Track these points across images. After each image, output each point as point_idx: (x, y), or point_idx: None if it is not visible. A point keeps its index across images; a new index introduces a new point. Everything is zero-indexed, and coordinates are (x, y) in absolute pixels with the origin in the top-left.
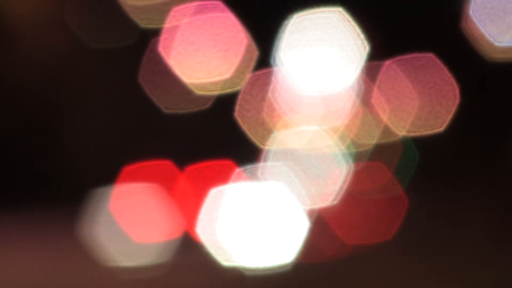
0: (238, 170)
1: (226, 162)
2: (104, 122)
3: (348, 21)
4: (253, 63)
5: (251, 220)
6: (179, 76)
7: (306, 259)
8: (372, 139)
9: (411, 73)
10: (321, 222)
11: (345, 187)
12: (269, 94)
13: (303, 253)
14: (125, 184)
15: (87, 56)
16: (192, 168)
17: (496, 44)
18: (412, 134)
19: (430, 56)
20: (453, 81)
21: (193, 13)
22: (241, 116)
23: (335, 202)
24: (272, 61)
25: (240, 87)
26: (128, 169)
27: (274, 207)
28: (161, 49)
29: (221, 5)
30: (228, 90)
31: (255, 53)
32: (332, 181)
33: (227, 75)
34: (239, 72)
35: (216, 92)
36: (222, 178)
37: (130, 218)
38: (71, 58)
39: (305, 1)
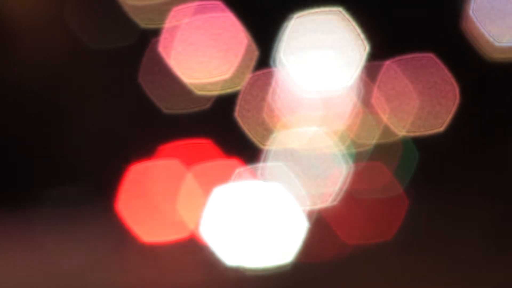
0: (239, 170)
1: (230, 162)
2: (104, 122)
3: (348, 21)
4: (253, 63)
5: (251, 220)
6: (179, 76)
7: (306, 259)
8: (372, 139)
9: (411, 73)
10: (321, 222)
11: (345, 187)
12: (269, 94)
13: (303, 253)
14: (132, 182)
15: (87, 56)
16: (196, 167)
17: (496, 44)
18: (412, 134)
19: (430, 56)
20: (453, 81)
21: (193, 13)
22: (241, 116)
23: (335, 202)
24: (272, 62)
25: (240, 87)
26: (135, 167)
27: (274, 207)
28: (161, 49)
29: (221, 5)
30: (228, 90)
31: (255, 53)
32: (332, 181)
33: (227, 75)
34: (239, 72)
35: (216, 92)
36: (224, 177)
37: (137, 217)
38: (71, 58)
39: (305, 1)
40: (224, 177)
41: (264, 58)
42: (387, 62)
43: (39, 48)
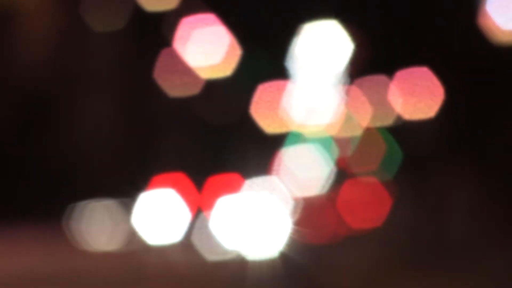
0: (243, 182)
1: (233, 176)
2: (104, 123)
3: (343, 32)
4: (237, 57)
5: (249, 214)
6: (183, 60)
7: (297, 246)
8: (358, 134)
9: (400, 82)
10: (310, 211)
11: (333, 177)
12: (271, 97)
13: (293, 241)
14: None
15: (87, 53)
16: (204, 180)
17: (504, 28)
18: (398, 127)
19: (424, 69)
20: (438, 82)
21: (191, 24)
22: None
23: (324, 191)
24: (272, 69)
25: (228, 73)
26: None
27: (267, 198)
28: (164, 36)
29: (214, 18)
30: (220, 75)
31: (238, 50)
32: (320, 172)
33: (217, 62)
34: (227, 62)
35: (211, 76)
36: (229, 188)
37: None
38: (72, 55)
39: (303, 15)
40: (231, 188)
41: (266, 67)
42: (380, 76)
43: (40, 41)
